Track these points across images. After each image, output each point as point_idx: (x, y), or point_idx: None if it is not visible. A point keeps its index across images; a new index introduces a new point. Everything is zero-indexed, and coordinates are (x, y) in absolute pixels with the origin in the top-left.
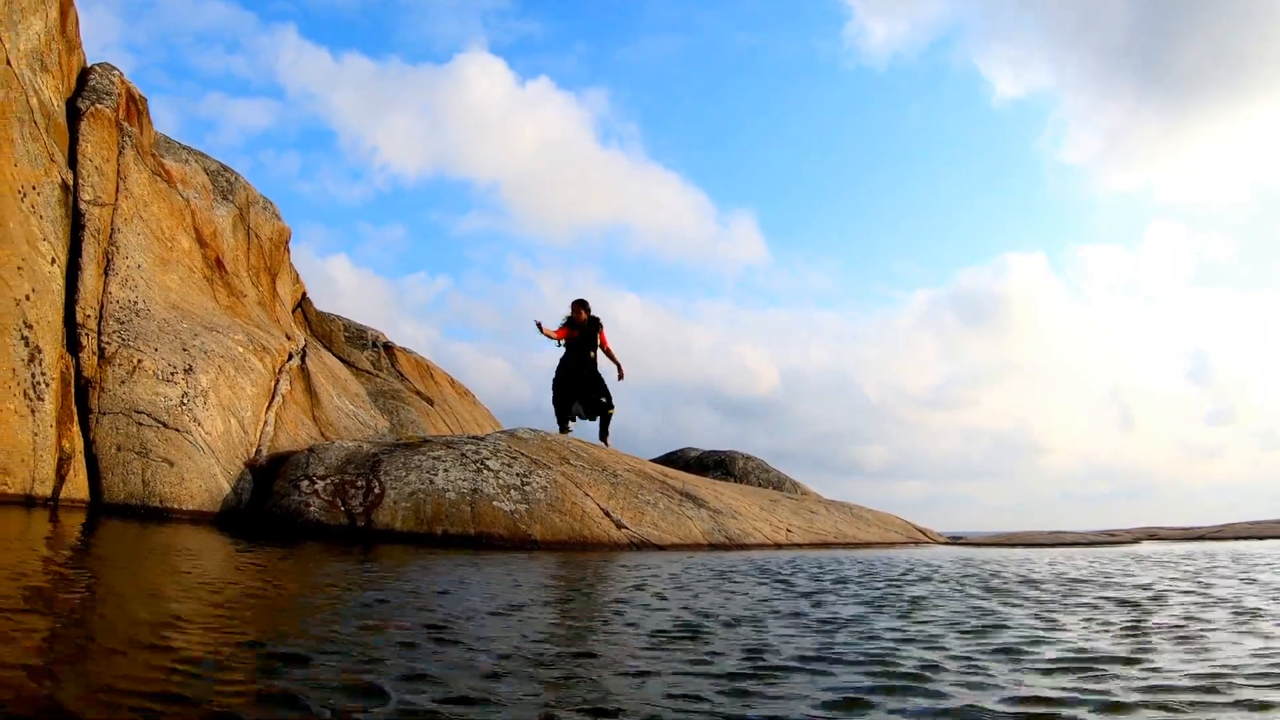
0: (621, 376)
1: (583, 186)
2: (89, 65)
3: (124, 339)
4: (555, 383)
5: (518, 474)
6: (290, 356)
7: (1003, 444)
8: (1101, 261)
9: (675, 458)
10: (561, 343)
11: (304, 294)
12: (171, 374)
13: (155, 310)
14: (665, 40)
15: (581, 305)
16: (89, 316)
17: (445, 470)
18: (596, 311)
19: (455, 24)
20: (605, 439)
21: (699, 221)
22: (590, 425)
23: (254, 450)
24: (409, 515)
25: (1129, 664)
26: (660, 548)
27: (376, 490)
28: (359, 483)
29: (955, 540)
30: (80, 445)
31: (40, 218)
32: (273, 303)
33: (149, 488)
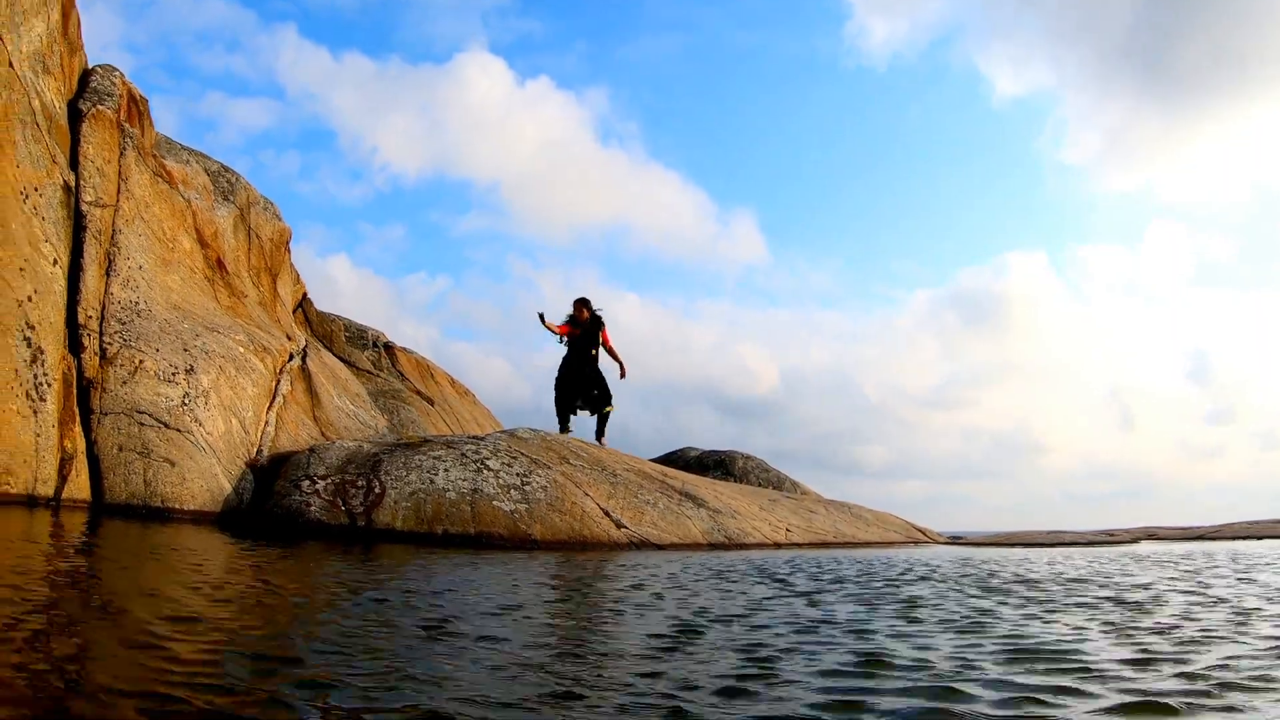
0: (624, 375)
1: (583, 186)
2: (90, 66)
3: (125, 339)
4: (558, 382)
5: (518, 474)
6: (291, 357)
7: (1003, 444)
8: (1102, 261)
9: (675, 457)
10: (563, 340)
11: (305, 294)
12: (173, 374)
13: (157, 311)
14: (665, 39)
15: (584, 303)
16: (91, 317)
17: (445, 470)
18: (597, 311)
19: (455, 23)
20: (601, 438)
21: (699, 221)
22: (590, 423)
23: (255, 450)
24: (409, 515)
25: (1127, 663)
26: (660, 547)
27: (377, 490)
28: (360, 482)
29: (955, 540)
30: (82, 445)
31: (42, 219)
32: (273, 303)
33: (150, 488)
